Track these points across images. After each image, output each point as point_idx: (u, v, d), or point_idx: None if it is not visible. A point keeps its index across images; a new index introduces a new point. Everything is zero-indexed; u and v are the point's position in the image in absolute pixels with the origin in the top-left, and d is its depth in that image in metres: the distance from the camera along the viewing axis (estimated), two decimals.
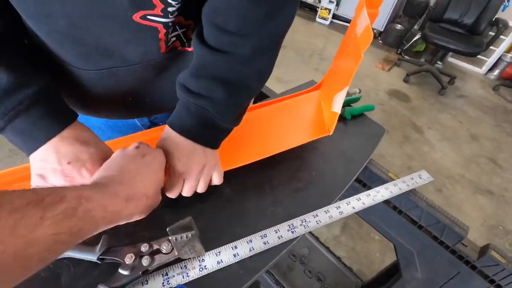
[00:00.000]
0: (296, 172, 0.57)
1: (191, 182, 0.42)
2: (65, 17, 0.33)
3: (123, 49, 0.38)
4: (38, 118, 0.34)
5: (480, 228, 1.66)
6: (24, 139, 0.34)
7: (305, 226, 0.48)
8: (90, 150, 0.37)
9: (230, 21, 0.36)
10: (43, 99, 0.34)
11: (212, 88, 0.39)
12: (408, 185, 0.60)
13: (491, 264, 0.54)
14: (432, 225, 0.60)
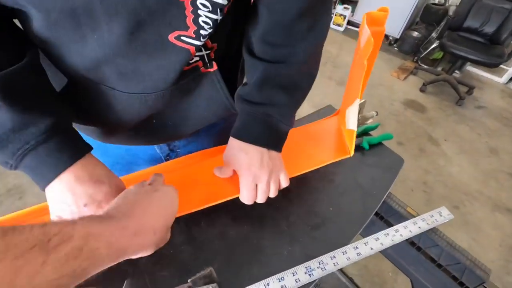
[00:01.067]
0: (313, 207, 0.57)
1: (263, 186, 0.46)
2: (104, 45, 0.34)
3: (155, 74, 0.39)
4: (45, 156, 0.34)
5: (498, 248, 1.61)
6: (35, 176, 0.35)
7: (322, 269, 0.48)
8: (104, 189, 0.38)
9: (280, 37, 0.43)
10: (52, 136, 0.34)
11: (274, 95, 0.45)
12: (428, 223, 0.59)
13: None
14: (452, 265, 0.59)
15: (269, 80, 0.45)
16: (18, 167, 0.34)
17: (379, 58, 3.32)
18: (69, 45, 0.35)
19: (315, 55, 0.47)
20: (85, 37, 0.34)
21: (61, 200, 0.36)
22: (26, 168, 0.34)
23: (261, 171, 0.46)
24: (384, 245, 0.53)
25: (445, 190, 1.89)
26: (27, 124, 0.33)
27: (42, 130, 0.34)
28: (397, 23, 3.43)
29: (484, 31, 2.69)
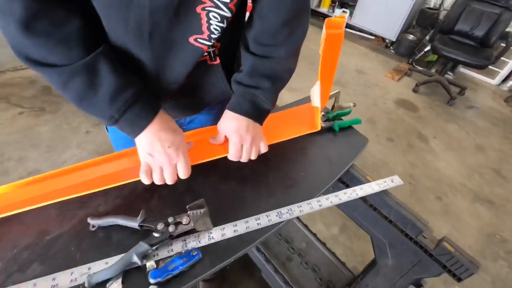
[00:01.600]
0: (288, 172, 0.71)
1: (247, 147, 0.61)
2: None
3: (178, 66, 0.55)
4: (139, 111, 0.50)
5: (475, 235, 1.74)
6: (130, 127, 0.51)
7: (290, 213, 0.62)
8: (179, 136, 0.55)
9: (268, 39, 0.58)
10: (141, 97, 0.50)
11: (260, 81, 0.60)
12: (380, 187, 0.73)
13: (444, 253, 0.66)
14: (400, 220, 0.73)
15: (257, 70, 0.60)
16: (119, 121, 0.49)
17: (375, 60, 3.47)
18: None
19: (293, 54, 0.62)
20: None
21: (151, 144, 0.52)
22: (125, 121, 0.50)
23: (246, 135, 0.61)
24: (342, 200, 0.68)
25: (430, 182, 2.02)
26: (126, 85, 0.48)
27: (135, 92, 0.49)
28: (394, 27, 3.57)
29: (474, 35, 2.82)
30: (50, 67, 0.45)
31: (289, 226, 1.36)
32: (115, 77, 0.47)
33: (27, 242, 0.51)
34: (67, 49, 0.44)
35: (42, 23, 0.41)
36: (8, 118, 1.92)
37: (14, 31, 0.41)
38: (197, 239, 0.55)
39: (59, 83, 0.47)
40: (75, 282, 0.46)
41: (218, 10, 0.49)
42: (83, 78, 0.46)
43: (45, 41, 0.43)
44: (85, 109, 0.50)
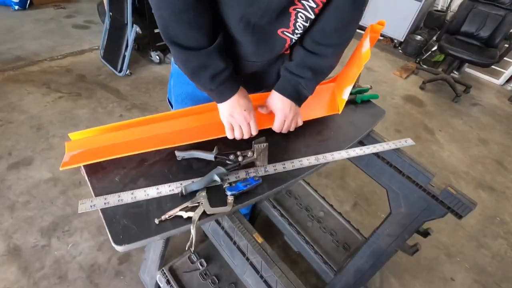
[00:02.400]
0: (321, 131, 0.88)
1: (288, 122, 0.77)
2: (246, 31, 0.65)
3: (264, 53, 0.72)
4: (229, 85, 0.67)
5: (477, 216, 1.88)
6: (221, 96, 0.68)
7: (324, 158, 0.78)
8: (251, 103, 0.72)
9: (322, 39, 0.70)
10: (232, 75, 0.67)
11: (305, 72, 0.73)
12: (396, 145, 0.89)
13: (448, 196, 0.82)
14: (411, 172, 0.89)
15: (305, 63, 0.73)
16: (212, 91, 0.67)
17: (384, 59, 3.62)
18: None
19: (337, 54, 0.74)
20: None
21: (233, 107, 0.68)
22: (217, 91, 0.67)
23: (289, 114, 0.76)
24: (365, 152, 0.84)
25: (435, 169, 2.17)
26: (225, 69, 0.65)
27: (228, 74, 0.66)
28: (402, 28, 3.72)
29: (479, 35, 2.97)
30: (182, 48, 0.61)
31: (309, 197, 1.52)
32: (221, 63, 0.64)
33: (133, 165, 0.67)
34: (200, 36, 0.60)
35: (188, 14, 0.57)
36: (50, 102, 2.11)
37: (166, 15, 0.57)
38: (256, 171, 0.71)
39: (182, 59, 0.64)
40: (172, 192, 0.63)
41: (305, 12, 0.64)
42: (200, 60, 0.62)
43: (187, 29, 0.59)
44: (192, 79, 0.67)
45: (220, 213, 0.61)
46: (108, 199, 0.60)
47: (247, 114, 0.70)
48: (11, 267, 1.28)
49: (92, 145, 0.71)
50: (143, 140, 0.73)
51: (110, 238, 0.54)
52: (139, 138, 0.73)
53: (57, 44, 2.78)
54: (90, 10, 3.45)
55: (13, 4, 3.18)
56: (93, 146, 0.71)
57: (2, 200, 1.51)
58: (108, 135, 0.74)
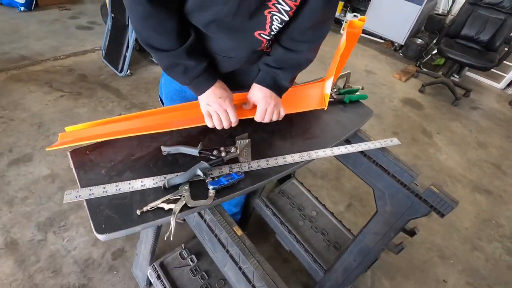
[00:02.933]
0: (308, 130, 0.89)
1: (270, 110, 0.79)
2: (222, 26, 0.68)
3: (241, 50, 0.75)
4: (204, 79, 0.71)
5: (473, 219, 1.87)
6: (197, 89, 0.72)
7: (308, 156, 0.80)
8: (227, 92, 0.75)
9: (297, 37, 0.74)
10: (207, 69, 0.71)
11: (283, 65, 0.78)
12: (381, 144, 0.90)
13: (431, 195, 0.83)
14: (396, 171, 0.90)
15: (282, 59, 0.78)
16: (189, 85, 0.72)
17: (384, 62, 3.63)
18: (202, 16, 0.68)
19: (314, 49, 0.79)
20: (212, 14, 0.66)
21: (208, 96, 0.73)
22: (192, 85, 0.72)
23: (270, 102, 0.79)
24: (349, 151, 0.85)
25: (431, 172, 2.17)
26: (196, 66, 0.69)
27: (204, 67, 0.70)
28: (402, 31, 3.73)
29: (479, 39, 2.97)
30: (154, 49, 0.67)
31: (302, 196, 1.54)
32: (191, 62, 0.68)
33: (120, 159, 0.70)
34: (166, 40, 0.65)
35: (151, 21, 0.62)
36: (51, 100, 2.15)
37: (134, 21, 0.64)
38: (240, 167, 0.73)
39: (156, 58, 0.71)
40: (156, 185, 0.65)
41: (280, 15, 0.67)
42: (170, 60, 0.68)
43: (153, 34, 0.65)
44: (168, 74, 0.74)
45: (201, 206, 0.63)
46: (93, 190, 0.62)
47: (222, 101, 0.73)
48: (8, 261, 1.31)
49: (84, 134, 0.74)
50: (131, 129, 0.76)
51: (93, 227, 0.56)
52: (127, 128, 0.76)
53: (60, 44, 2.84)
54: (94, 12, 3.51)
55: (19, 5, 3.25)
56: (83, 135, 0.74)
57: (2, 195, 1.54)
58: (100, 127, 0.77)
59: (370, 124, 2.51)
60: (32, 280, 1.27)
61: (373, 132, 2.43)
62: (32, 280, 1.27)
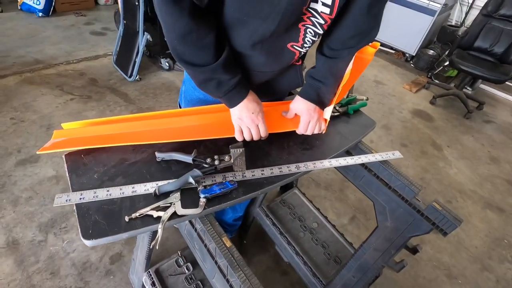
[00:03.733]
0: (306, 140, 0.88)
1: (313, 124, 0.80)
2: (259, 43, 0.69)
3: (274, 64, 0.76)
4: (237, 92, 0.71)
5: (483, 237, 1.79)
6: (230, 101, 0.72)
7: (305, 167, 0.78)
8: (259, 106, 0.75)
9: (338, 46, 0.75)
10: (240, 81, 0.70)
11: (327, 77, 0.79)
12: (383, 157, 0.88)
13: (433, 212, 0.79)
14: (397, 186, 0.87)
15: (325, 68, 0.79)
16: (221, 98, 0.71)
17: (394, 72, 3.59)
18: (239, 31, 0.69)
19: (353, 53, 0.77)
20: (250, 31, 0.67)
21: (241, 111, 0.72)
22: (225, 98, 0.71)
23: (313, 115, 0.80)
24: (348, 163, 0.83)
25: (440, 186, 2.10)
26: (230, 79, 0.68)
27: (235, 82, 0.69)
28: (413, 42, 3.68)
29: (493, 51, 2.90)
30: (189, 64, 0.66)
31: (303, 207, 1.50)
32: (225, 75, 0.68)
33: (113, 164, 0.70)
34: (203, 55, 0.65)
35: (191, 36, 0.62)
36: (61, 103, 2.21)
37: (173, 37, 0.62)
38: (234, 176, 0.72)
39: (189, 74, 0.72)
40: (147, 191, 0.64)
41: (314, 28, 0.67)
42: (205, 75, 0.68)
43: (191, 49, 0.64)
44: (201, 89, 0.73)
45: (190, 215, 0.62)
46: (84, 194, 0.62)
47: (255, 117, 0.74)
48: (8, 260, 1.32)
49: (78, 135, 0.74)
50: (132, 134, 0.75)
51: (80, 232, 0.56)
52: (128, 132, 0.76)
53: (74, 49, 2.92)
54: (108, 18, 3.61)
55: (38, 11, 3.38)
56: (78, 135, 0.74)
57: (7, 195, 1.57)
58: (97, 127, 0.77)
59: (377, 135, 2.46)
60: (30, 281, 1.27)
61: (381, 144, 2.39)
62: (30, 281, 1.27)
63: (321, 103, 0.82)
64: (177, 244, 1.45)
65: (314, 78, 0.80)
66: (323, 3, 0.62)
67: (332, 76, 0.79)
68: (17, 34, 3.03)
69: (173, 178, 0.68)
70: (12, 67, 2.52)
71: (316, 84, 0.80)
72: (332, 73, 0.79)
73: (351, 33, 0.71)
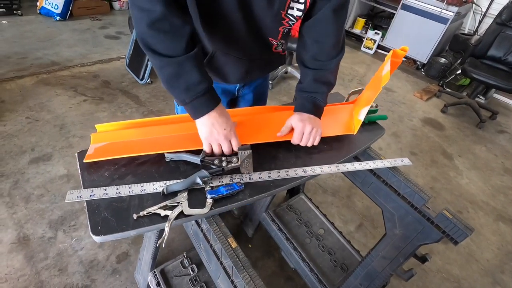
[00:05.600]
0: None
1: (308, 135, 0.80)
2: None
3: (255, 49, 0.80)
4: (205, 100, 0.68)
5: (495, 250, 1.74)
6: (195, 111, 0.69)
7: (312, 171, 0.78)
8: (230, 122, 0.73)
9: (324, 56, 0.81)
10: (209, 91, 0.68)
11: (319, 87, 0.83)
12: (391, 163, 0.87)
13: (443, 220, 0.78)
14: (407, 192, 0.85)
15: (316, 80, 0.82)
16: (187, 105, 0.67)
17: (404, 80, 3.56)
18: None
19: (338, 66, 0.84)
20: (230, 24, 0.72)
21: (210, 126, 0.69)
22: (192, 105, 0.67)
23: (308, 124, 0.80)
24: (356, 168, 0.82)
25: (451, 196, 2.05)
26: (200, 82, 0.66)
27: (206, 87, 0.67)
28: (425, 50, 3.65)
29: (507, 60, 2.84)
30: (157, 54, 0.63)
31: (310, 213, 1.49)
32: (195, 75, 0.65)
33: (123, 162, 0.71)
34: (174, 45, 0.63)
35: (164, 24, 0.60)
36: (75, 104, 2.26)
37: (144, 24, 0.60)
38: (241, 177, 0.72)
39: (157, 66, 0.65)
40: (155, 190, 0.65)
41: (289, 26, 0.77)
42: (174, 68, 0.64)
43: (162, 37, 0.62)
44: (168, 89, 0.68)
45: (197, 215, 0.62)
46: (95, 191, 0.63)
47: (227, 133, 0.71)
48: (18, 255, 1.35)
49: (115, 139, 0.76)
50: (163, 139, 0.77)
51: (89, 228, 0.57)
52: (159, 137, 0.78)
53: (88, 52, 3.00)
54: (122, 23, 3.70)
55: (55, 15, 3.50)
56: (115, 140, 0.76)
57: (20, 191, 1.61)
58: (130, 131, 0.79)
59: (386, 142, 2.44)
60: (39, 276, 1.29)
61: (389, 151, 2.36)
62: (38, 276, 1.29)
63: (317, 111, 0.84)
64: (183, 245, 1.46)
65: (307, 91, 0.83)
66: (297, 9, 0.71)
67: (324, 84, 0.83)
68: (35, 37, 3.13)
69: (181, 178, 0.69)
70: (30, 68, 2.60)
71: (310, 96, 0.83)
72: (323, 82, 0.83)
73: (332, 42, 0.78)
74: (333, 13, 0.72)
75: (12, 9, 3.50)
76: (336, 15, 0.73)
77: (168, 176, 0.69)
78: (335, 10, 0.72)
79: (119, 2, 4.15)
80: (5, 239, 1.40)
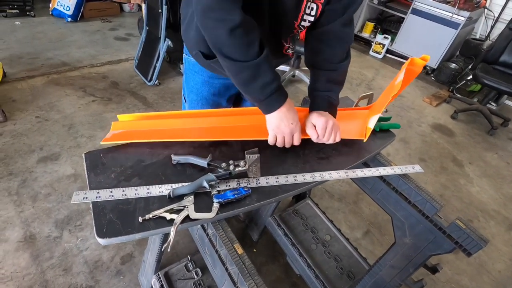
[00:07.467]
0: (322, 149, 0.86)
1: (330, 129, 0.80)
2: None
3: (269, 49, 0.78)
4: (277, 96, 0.72)
5: (507, 261, 1.69)
6: (268, 107, 0.73)
7: (321, 177, 0.76)
8: (296, 117, 0.77)
9: (336, 59, 0.85)
10: (280, 87, 0.72)
11: (332, 86, 0.86)
12: (402, 170, 0.85)
13: (456, 230, 0.75)
14: (418, 201, 0.83)
15: (330, 80, 0.85)
16: (261, 102, 0.72)
17: (413, 85, 3.51)
18: None
19: (347, 67, 0.88)
20: None
21: (279, 119, 0.74)
22: (266, 102, 0.72)
23: (328, 125, 0.80)
24: (366, 175, 0.80)
25: (461, 204, 2.01)
26: (273, 81, 0.70)
27: (278, 84, 0.71)
28: (435, 55, 3.60)
29: None
30: (234, 61, 0.66)
31: (316, 218, 1.47)
32: (269, 74, 0.69)
33: (130, 164, 0.70)
34: (251, 50, 0.65)
35: (242, 31, 0.62)
36: (84, 104, 2.28)
37: (222, 33, 0.62)
38: (248, 182, 0.71)
39: (233, 72, 0.69)
40: (161, 193, 0.65)
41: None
42: (251, 71, 0.67)
43: (239, 44, 0.64)
44: (243, 90, 0.73)
45: (203, 219, 0.61)
46: (101, 193, 0.63)
47: (294, 127, 0.76)
48: (24, 254, 1.36)
49: (133, 128, 0.81)
50: (180, 130, 0.81)
51: (94, 230, 0.56)
52: (176, 128, 0.82)
53: (98, 53, 3.04)
54: (132, 24, 3.75)
55: (67, 16, 3.56)
56: (134, 128, 0.81)
57: (28, 190, 1.63)
58: (149, 121, 0.83)
59: (395, 148, 2.40)
60: (44, 276, 1.30)
61: (398, 157, 2.32)
62: (43, 275, 1.30)
63: (332, 109, 0.85)
64: (187, 248, 1.45)
65: (321, 90, 0.85)
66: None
67: (336, 84, 0.87)
68: (46, 38, 3.19)
69: (187, 181, 0.68)
70: (40, 68, 2.64)
71: (324, 94, 0.85)
72: (336, 82, 0.86)
73: (344, 46, 0.84)
74: (342, 27, 0.80)
75: (25, 10, 3.57)
76: (345, 27, 0.81)
77: (174, 179, 0.68)
78: (344, 24, 0.80)
79: (129, 4, 4.20)
80: (12, 237, 1.41)
